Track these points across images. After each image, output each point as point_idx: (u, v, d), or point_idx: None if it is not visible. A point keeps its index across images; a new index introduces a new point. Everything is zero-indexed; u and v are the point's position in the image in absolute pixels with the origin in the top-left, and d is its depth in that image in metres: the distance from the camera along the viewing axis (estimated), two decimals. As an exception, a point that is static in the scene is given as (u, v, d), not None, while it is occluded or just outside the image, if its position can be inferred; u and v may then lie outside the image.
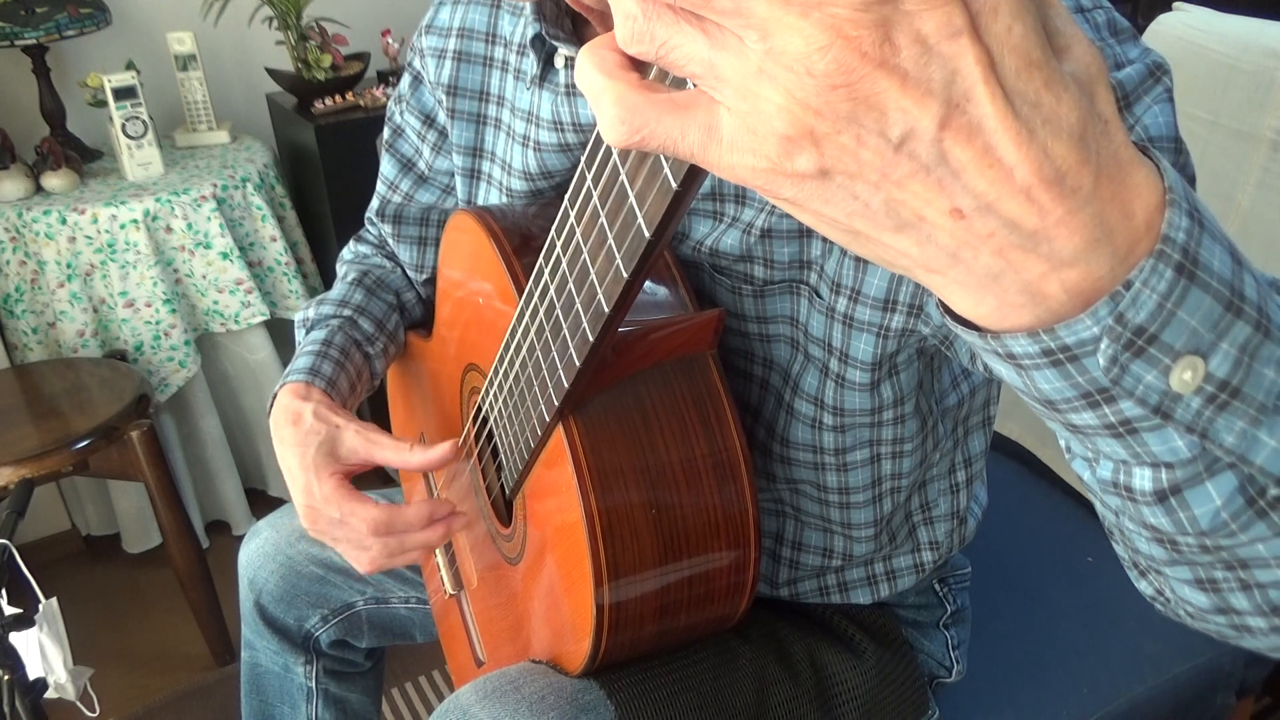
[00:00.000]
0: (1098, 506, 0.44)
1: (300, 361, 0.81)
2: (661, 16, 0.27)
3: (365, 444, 0.73)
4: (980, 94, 0.26)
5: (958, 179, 0.27)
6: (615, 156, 0.39)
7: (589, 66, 0.30)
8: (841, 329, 0.64)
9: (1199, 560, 0.39)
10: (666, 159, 0.35)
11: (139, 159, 1.78)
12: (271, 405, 0.79)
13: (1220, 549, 0.37)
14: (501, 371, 0.67)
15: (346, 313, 0.87)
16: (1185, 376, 0.31)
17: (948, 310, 0.33)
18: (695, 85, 0.29)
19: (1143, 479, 0.36)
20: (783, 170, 0.28)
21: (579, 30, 0.72)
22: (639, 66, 0.31)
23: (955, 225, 0.28)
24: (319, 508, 0.72)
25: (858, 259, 0.61)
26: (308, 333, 0.87)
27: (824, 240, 0.62)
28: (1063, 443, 0.44)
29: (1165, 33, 1.12)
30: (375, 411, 2.13)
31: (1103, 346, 0.30)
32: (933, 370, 0.70)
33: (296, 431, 0.74)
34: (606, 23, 0.67)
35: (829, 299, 0.63)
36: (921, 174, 0.27)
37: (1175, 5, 1.17)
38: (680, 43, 0.27)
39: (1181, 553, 0.39)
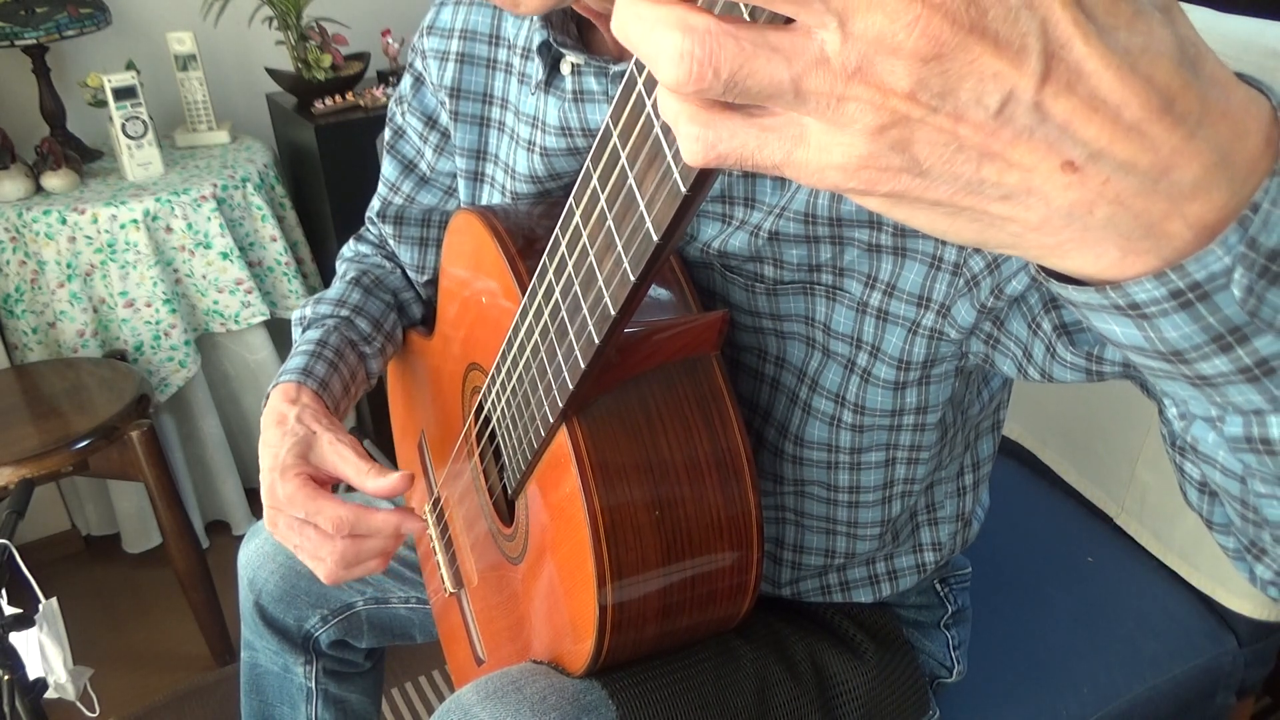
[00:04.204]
0: (1211, 479, 0.42)
1: (294, 361, 0.81)
2: (723, 45, 0.25)
3: (333, 455, 0.73)
4: (1074, 38, 0.24)
5: (1064, 132, 0.25)
6: (624, 158, 0.39)
7: (664, 93, 0.29)
8: (875, 323, 0.63)
9: None
10: (676, 162, 0.35)
11: (139, 159, 1.78)
12: (266, 404, 0.79)
13: None
14: (504, 372, 0.67)
15: (344, 312, 0.87)
16: None
17: (1051, 274, 0.31)
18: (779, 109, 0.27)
19: None
20: (877, 166, 0.26)
21: (585, 36, 0.72)
22: None
23: (1068, 180, 0.26)
24: (280, 508, 0.71)
25: (895, 252, 0.61)
26: (304, 331, 0.86)
27: (833, 244, 0.62)
28: (1174, 409, 0.42)
29: (1165, 34, 1.12)
30: (376, 411, 2.13)
31: (1236, 277, 0.28)
32: (968, 383, 0.69)
33: (277, 433, 0.74)
34: None
35: (861, 293, 0.63)
36: (1025, 136, 0.25)
37: (1175, 7, 1.17)
38: (756, 66, 0.25)
39: None
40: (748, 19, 0.26)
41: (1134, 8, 0.25)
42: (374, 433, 2.14)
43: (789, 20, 0.26)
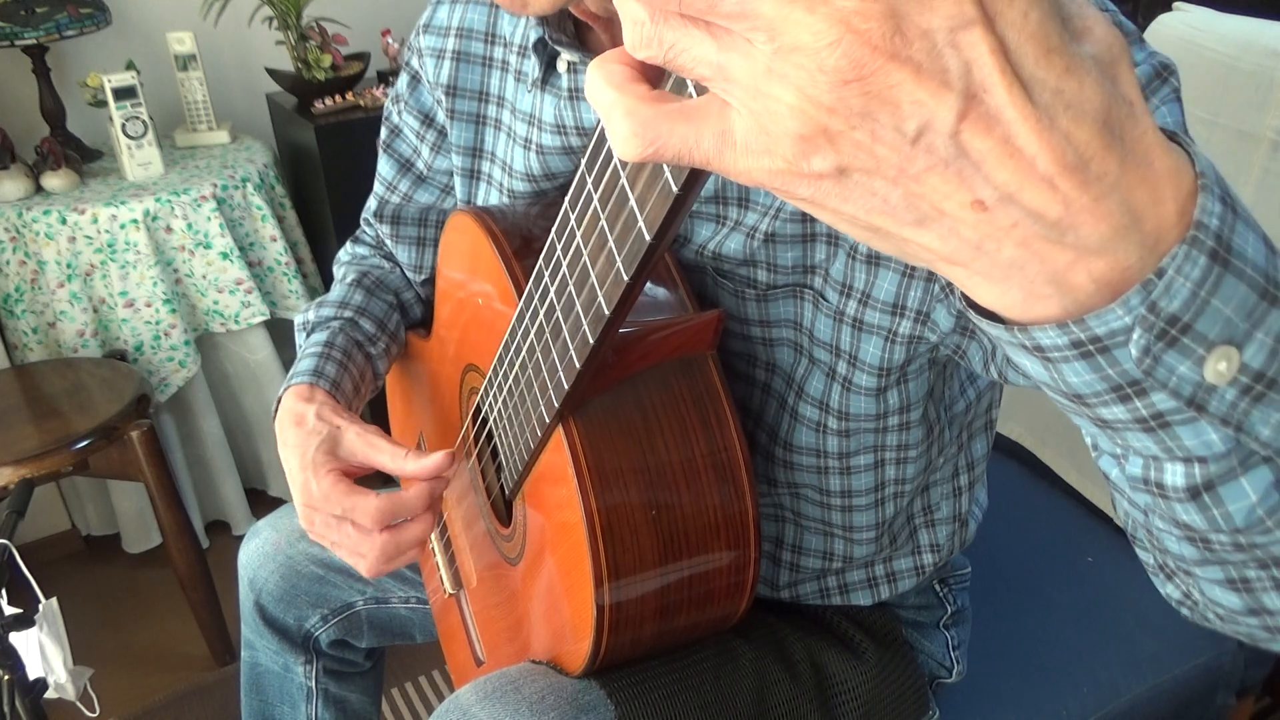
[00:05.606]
0: (1123, 506, 0.44)
1: (303, 364, 0.81)
2: (669, 20, 0.27)
3: (364, 446, 0.73)
4: (997, 84, 0.25)
5: (978, 170, 0.26)
6: (616, 160, 0.39)
7: (598, 80, 0.30)
8: (851, 332, 0.64)
9: (1231, 559, 0.38)
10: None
11: (139, 159, 1.78)
12: (276, 409, 0.79)
13: (1254, 546, 0.37)
14: (501, 373, 0.67)
15: (347, 314, 0.87)
16: (1220, 367, 0.30)
17: (971, 304, 0.32)
18: (707, 89, 0.28)
19: (1175, 475, 0.35)
20: (799, 170, 0.27)
21: (581, 34, 0.72)
22: (650, 77, 0.30)
23: (977, 217, 0.27)
24: (317, 506, 0.71)
25: (869, 261, 0.61)
26: (308, 335, 0.86)
27: (828, 244, 0.62)
28: (1089, 440, 0.43)
29: (1165, 33, 1.12)
30: (375, 411, 2.13)
31: (1135, 337, 0.29)
32: (944, 378, 0.69)
33: (299, 433, 0.74)
34: (610, 29, 0.67)
35: (838, 302, 0.63)
36: (940, 167, 0.26)
37: (1175, 5, 1.17)
38: (688, 45, 0.27)
39: (1214, 551, 0.38)
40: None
41: (1066, 63, 0.26)
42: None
43: None
